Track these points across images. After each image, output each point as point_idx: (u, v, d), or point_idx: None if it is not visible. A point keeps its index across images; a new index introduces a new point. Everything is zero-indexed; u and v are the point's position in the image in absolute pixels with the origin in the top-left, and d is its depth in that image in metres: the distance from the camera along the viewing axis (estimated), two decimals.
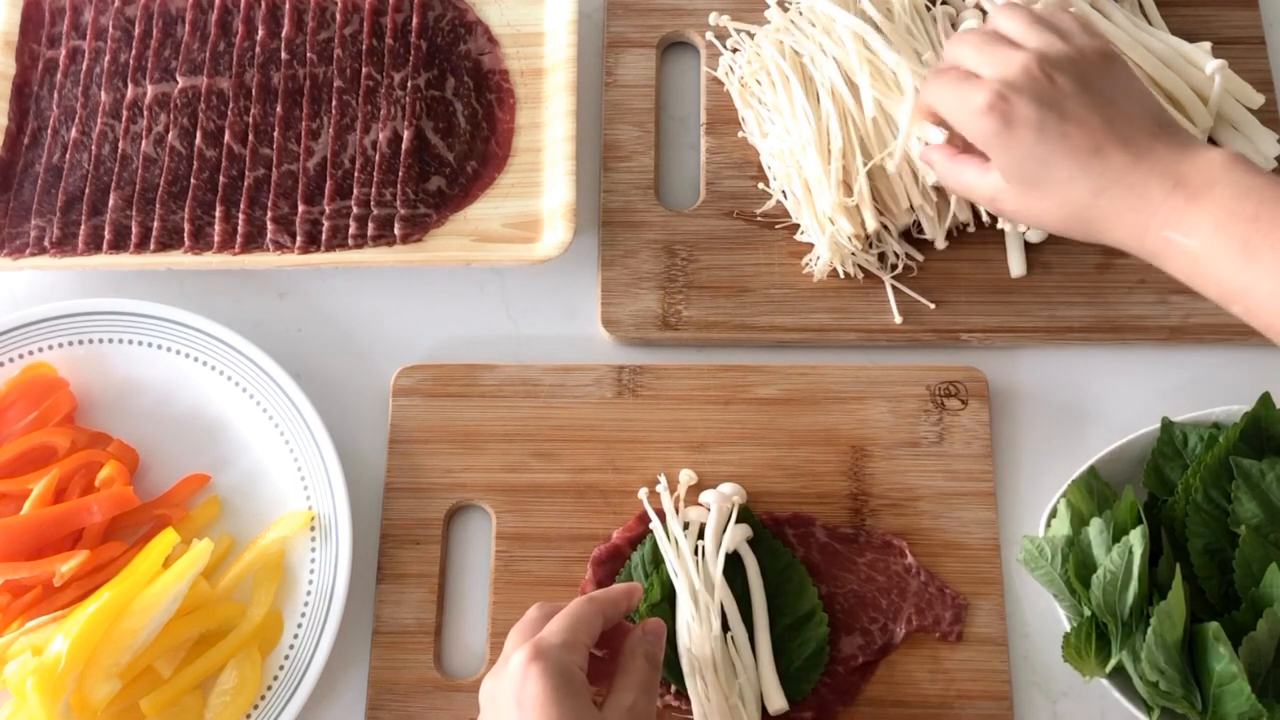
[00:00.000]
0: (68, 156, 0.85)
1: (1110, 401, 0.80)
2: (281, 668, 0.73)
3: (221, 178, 0.84)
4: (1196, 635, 0.66)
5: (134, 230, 0.83)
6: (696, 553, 0.72)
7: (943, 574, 0.75)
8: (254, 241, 0.83)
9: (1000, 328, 0.81)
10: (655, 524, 0.73)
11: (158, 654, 0.71)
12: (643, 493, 0.75)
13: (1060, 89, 0.65)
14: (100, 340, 0.80)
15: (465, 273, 0.85)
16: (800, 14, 0.84)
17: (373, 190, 0.84)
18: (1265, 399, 0.71)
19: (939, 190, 0.80)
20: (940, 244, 0.81)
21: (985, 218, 0.82)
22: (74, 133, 0.86)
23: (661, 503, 0.74)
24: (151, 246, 0.83)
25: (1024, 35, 0.68)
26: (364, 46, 0.87)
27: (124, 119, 0.86)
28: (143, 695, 0.71)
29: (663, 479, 0.76)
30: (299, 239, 0.82)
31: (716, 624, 0.69)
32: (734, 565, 0.73)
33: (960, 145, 0.72)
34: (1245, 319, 0.63)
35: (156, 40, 0.88)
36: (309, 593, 0.74)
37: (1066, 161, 0.64)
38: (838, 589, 0.74)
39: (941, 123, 0.72)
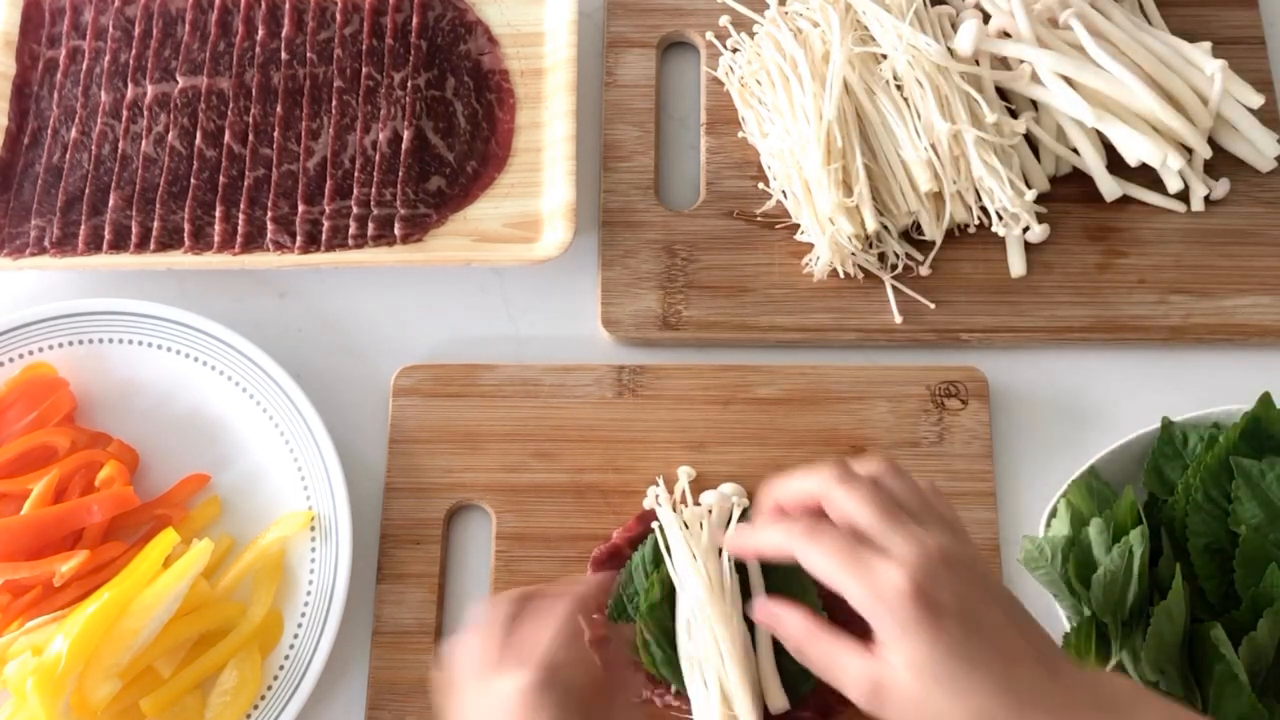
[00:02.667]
0: (68, 156, 0.85)
1: (1110, 401, 0.80)
2: (281, 668, 0.73)
3: (221, 178, 0.84)
4: (1196, 635, 0.66)
5: (134, 230, 0.83)
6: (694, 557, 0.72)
7: None
8: (254, 241, 0.83)
9: (1000, 328, 0.81)
10: (659, 523, 0.73)
11: (158, 654, 0.71)
12: (651, 493, 0.75)
13: (975, 586, 0.56)
14: (100, 340, 0.80)
15: (465, 273, 0.85)
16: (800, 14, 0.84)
17: (373, 190, 0.84)
18: (1265, 399, 0.71)
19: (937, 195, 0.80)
20: (936, 239, 0.82)
21: (981, 218, 0.82)
22: (74, 133, 0.86)
23: (667, 501, 0.74)
24: (151, 246, 0.83)
25: (919, 511, 0.59)
26: (364, 46, 0.87)
27: (124, 119, 0.86)
28: (143, 695, 0.71)
29: (661, 480, 0.76)
30: (299, 239, 0.82)
31: (721, 625, 0.69)
32: (733, 565, 0.73)
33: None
34: None
35: (156, 40, 0.88)
36: (309, 593, 0.74)
37: (990, 665, 0.54)
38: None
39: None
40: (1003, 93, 0.84)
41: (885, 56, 0.82)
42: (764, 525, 0.61)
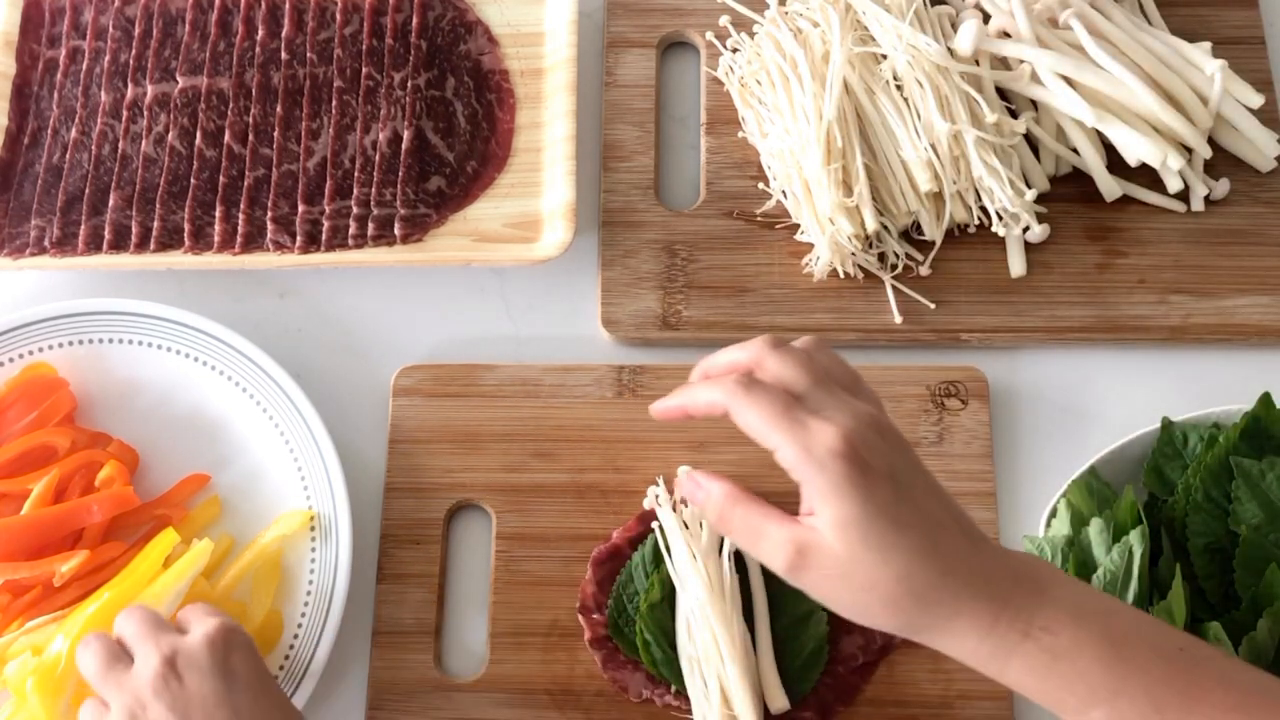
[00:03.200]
0: (68, 156, 0.85)
1: (1110, 401, 0.80)
2: (281, 668, 0.73)
3: (221, 178, 0.84)
4: (1196, 635, 0.66)
5: (134, 230, 0.83)
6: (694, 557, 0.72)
7: None
8: (254, 241, 0.83)
9: (1000, 328, 0.81)
10: (659, 523, 0.73)
11: None
12: (651, 493, 0.75)
13: (905, 455, 0.56)
14: (100, 340, 0.80)
15: (465, 273, 0.85)
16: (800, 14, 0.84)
17: (373, 190, 0.84)
18: (1265, 399, 0.71)
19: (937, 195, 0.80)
20: (937, 238, 0.82)
21: (981, 218, 0.81)
22: (74, 133, 0.86)
23: (667, 501, 0.74)
24: (151, 246, 0.83)
25: (850, 385, 0.59)
26: (364, 46, 0.87)
27: (124, 119, 0.86)
28: None
29: (661, 480, 0.76)
30: (299, 239, 0.82)
31: (721, 625, 0.69)
32: (733, 565, 0.73)
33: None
34: None
35: (156, 40, 0.88)
36: (309, 593, 0.74)
37: (916, 530, 0.54)
38: None
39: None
40: (1003, 93, 0.84)
41: (885, 56, 0.82)
42: (697, 385, 0.59)
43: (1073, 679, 0.53)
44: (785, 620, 0.72)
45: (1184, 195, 0.83)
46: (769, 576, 0.73)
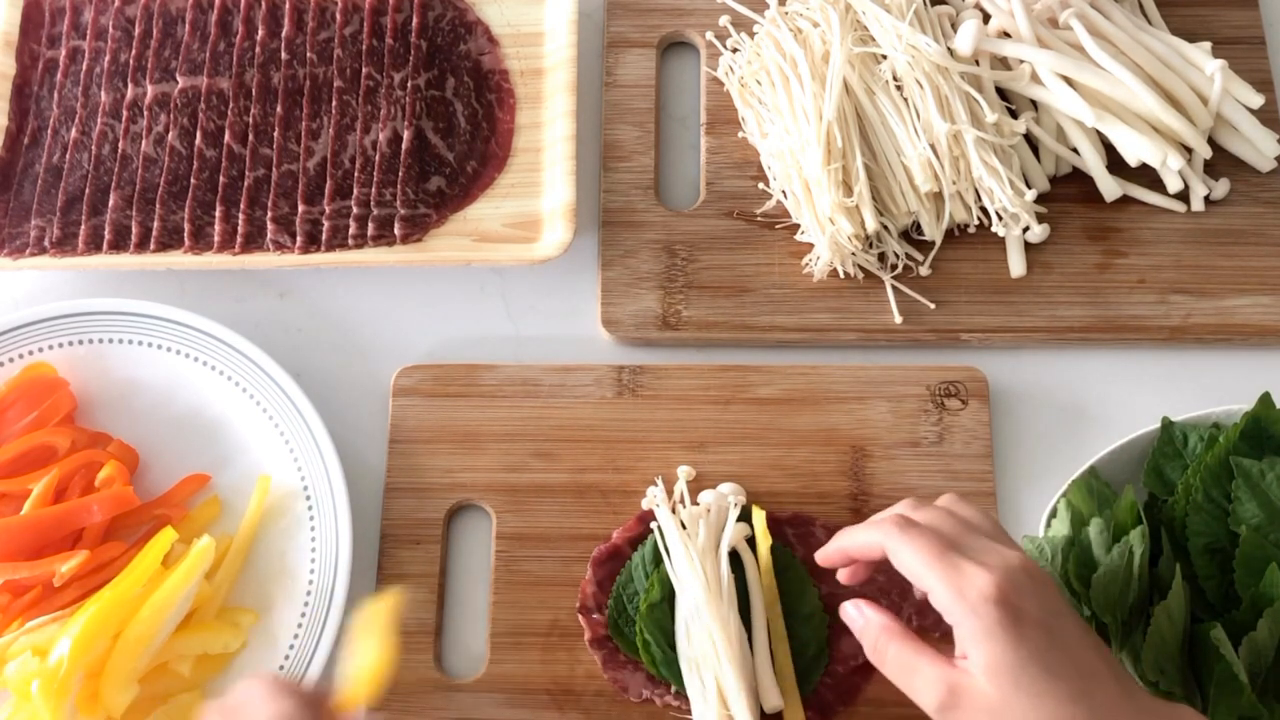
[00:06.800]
0: (68, 156, 0.85)
1: (1110, 401, 0.80)
2: (281, 667, 0.73)
3: (221, 178, 0.84)
4: (1196, 635, 0.66)
5: (134, 230, 0.83)
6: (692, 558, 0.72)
7: None
8: (254, 241, 0.83)
9: (1000, 328, 0.81)
10: (657, 523, 0.73)
11: (167, 654, 0.72)
12: (651, 494, 0.75)
13: (1056, 601, 0.58)
14: (100, 340, 0.80)
15: (465, 273, 0.85)
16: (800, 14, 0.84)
17: (373, 190, 0.84)
18: (1265, 399, 0.71)
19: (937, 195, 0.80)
20: (936, 238, 0.82)
21: (981, 218, 0.81)
22: (74, 133, 0.86)
23: (665, 502, 0.74)
24: (151, 246, 0.83)
25: (994, 534, 0.61)
26: (364, 46, 0.87)
27: (124, 119, 0.86)
28: (153, 696, 0.71)
29: (661, 480, 0.76)
30: (299, 239, 0.82)
31: (718, 625, 0.69)
32: (733, 565, 0.73)
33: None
34: None
35: (156, 40, 0.88)
36: (309, 593, 0.74)
37: (1070, 677, 0.55)
38: (838, 589, 0.74)
39: (854, 572, 0.66)
40: (1003, 93, 0.84)
41: (885, 56, 0.82)
42: (856, 528, 0.63)
43: None
44: (785, 621, 0.72)
45: (1184, 195, 0.83)
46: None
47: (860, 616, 0.63)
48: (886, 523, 0.61)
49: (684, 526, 0.73)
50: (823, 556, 0.66)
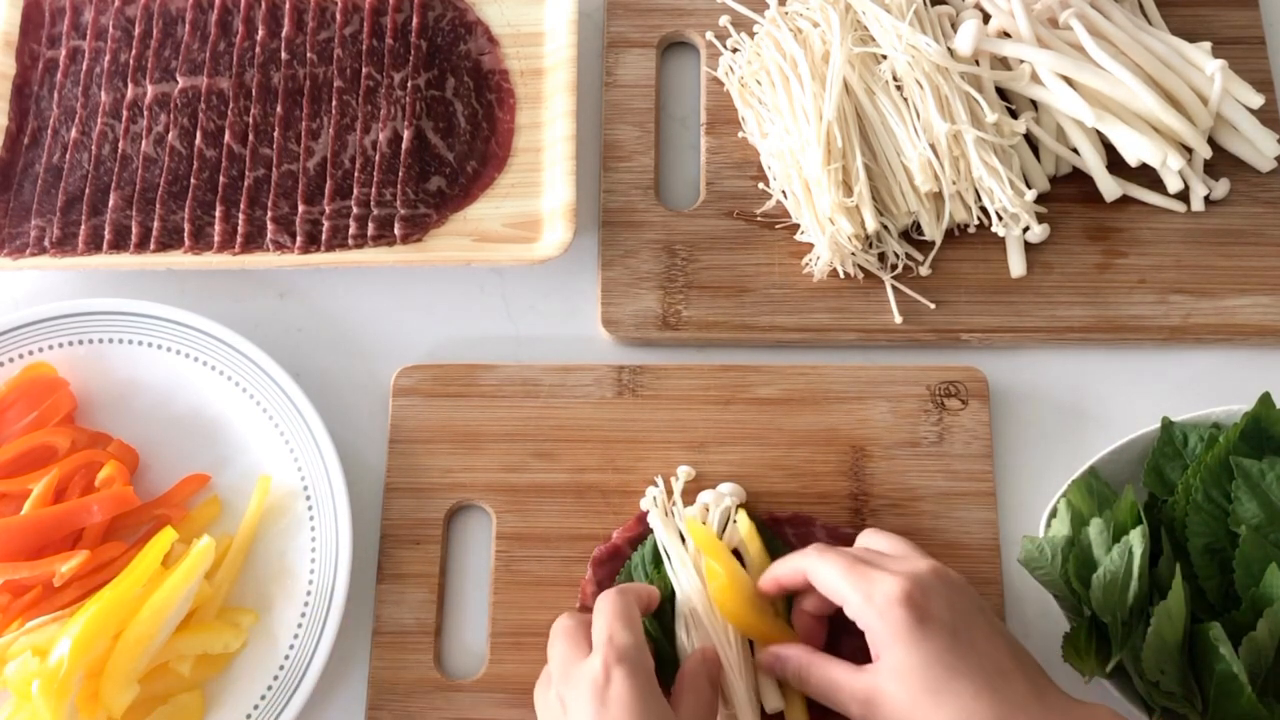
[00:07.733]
0: (68, 156, 0.85)
1: (1110, 401, 0.80)
2: (281, 667, 0.73)
3: (221, 178, 0.84)
4: (1196, 635, 0.66)
5: (134, 230, 0.83)
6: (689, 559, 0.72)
7: None
8: (254, 241, 0.83)
9: (1000, 328, 0.81)
10: (655, 523, 0.73)
11: (167, 654, 0.72)
12: (650, 494, 0.75)
13: (967, 604, 0.61)
14: (100, 340, 0.80)
15: (465, 273, 0.85)
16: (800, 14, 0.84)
17: (373, 190, 0.84)
18: (1265, 399, 0.71)
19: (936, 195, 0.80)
20: (936, 238, 0.81)
21: (981, 218, 0.81)
22: (74, 133, 0.86)
23: (664, 502, 0.74)
24: (151, 246, 0.83)
25: (908, 553, 0.66)
26: (364, 46, 0.87)
27: (124, 119, 0.86)
28: (153, 696, 0.71)
29: (661, 480, 0.76)
30: (299, 239, 0.82)
31: (717, 625, 0.69)
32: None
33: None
34: None
35: (156, 40, 0.88)
36: (309, 593, 0.74)
37: (974, 675, 0.57)
38: None
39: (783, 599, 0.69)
40: (1003, 93, 0.84)
41: (885, 56, 0.82)
42: (785, 559, 0.67)
43: None
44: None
45: (1184, 195, 0.83)
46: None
47: (777, 660, 0.66)
48: (808, 549, 0.65)
49: (680, 530, 0.73)
50: (761, 585, 0.69)
